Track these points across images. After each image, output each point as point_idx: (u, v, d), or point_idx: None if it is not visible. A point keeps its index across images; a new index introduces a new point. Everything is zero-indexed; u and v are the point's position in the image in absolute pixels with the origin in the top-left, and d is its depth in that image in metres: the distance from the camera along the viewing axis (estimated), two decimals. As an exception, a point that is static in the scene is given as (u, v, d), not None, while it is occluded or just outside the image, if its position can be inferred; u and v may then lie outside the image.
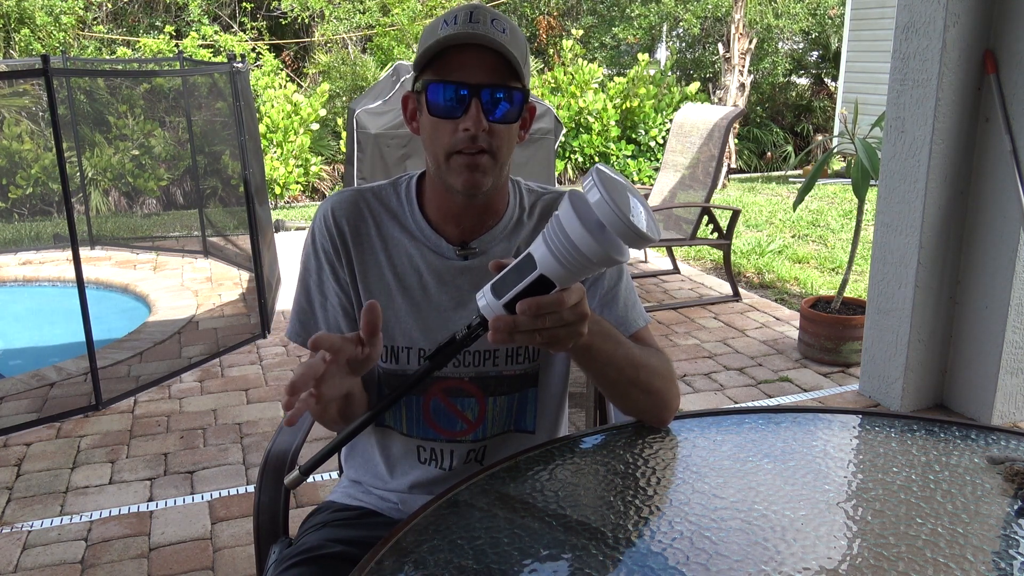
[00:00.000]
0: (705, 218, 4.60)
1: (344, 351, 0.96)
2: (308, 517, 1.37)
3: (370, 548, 0.96)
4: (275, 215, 6.92)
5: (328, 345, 0.94)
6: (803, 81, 11.35)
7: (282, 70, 9.11)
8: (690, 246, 5.33)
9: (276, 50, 10.05)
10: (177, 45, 8.50)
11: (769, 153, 9.97)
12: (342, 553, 1.21)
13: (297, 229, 6.70)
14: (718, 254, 5.58)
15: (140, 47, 8.72)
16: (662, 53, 11.62)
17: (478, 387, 1.25)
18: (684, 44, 11.58)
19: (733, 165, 8.96)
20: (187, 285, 5.13)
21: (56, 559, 2.36)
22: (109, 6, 9.55)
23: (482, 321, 0.93)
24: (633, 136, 9.14)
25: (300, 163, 7.88)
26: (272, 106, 7.83)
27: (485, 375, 1.25)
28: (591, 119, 8.82)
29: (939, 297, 3.13)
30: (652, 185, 5.25)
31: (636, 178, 8.96)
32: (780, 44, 10.89)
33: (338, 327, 1.26)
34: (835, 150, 4.65)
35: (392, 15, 9.69)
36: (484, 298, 0.92)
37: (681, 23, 10.63)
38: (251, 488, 2.72)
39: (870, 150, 3.49)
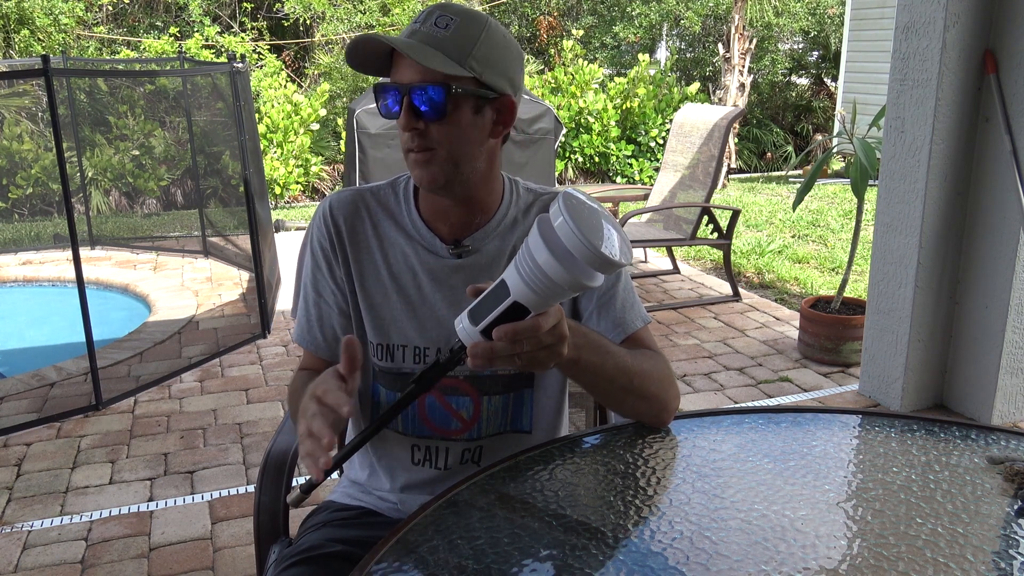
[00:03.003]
0: (705, 218, 4.60)
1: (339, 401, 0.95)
2: (308, 517, 1.37)
3: (370, 548, 0.96)
4: (275, 215, 6.92)
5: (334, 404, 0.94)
6: (803, 81, 11.35)
7: (282, 70, 9.11)
8: (690, 246, 5.33)
9: (276, 50, 10.06)
10: (180, 46, 8.51)
11: (769, 153, 9.97)
12: (342, 553, 1.22)
13: (297, 229, 6.70)
14: (718, 254, 5.58)
15: (144, 48, 8.72)
16: (662, 53, 11.62)
17: (472, 386, 1.26)
18: (684, 44, 11.59)
19: (733, 165, 8.96)
20: (187, 285, 5.13)
21: (56, 559, 2.36)
22: (109, 8, 9.55)
23: (463, 345, 0.93)
24: (633, 136, 9.14)
25: (300, 163, 7.88)
26: (272, 106, 7.84)
27: (479, 374, 1.25)
28: (591, 119, 8.82)
29: (939, 297, 3.13)
30: (652, 185, 5.26)
31: (637, 178, 8.97)
32: (780, 43, 10.89)
33: (331, 324, 1.27)
34: (834, 150, 4.65)
35: (392, 15, 9.69)
36: (462, 323, 0.92)
37: (683, 21, 10.63)
38: (251, 488, 2.72)
39: (869, 149, 3.49)
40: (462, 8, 1.15)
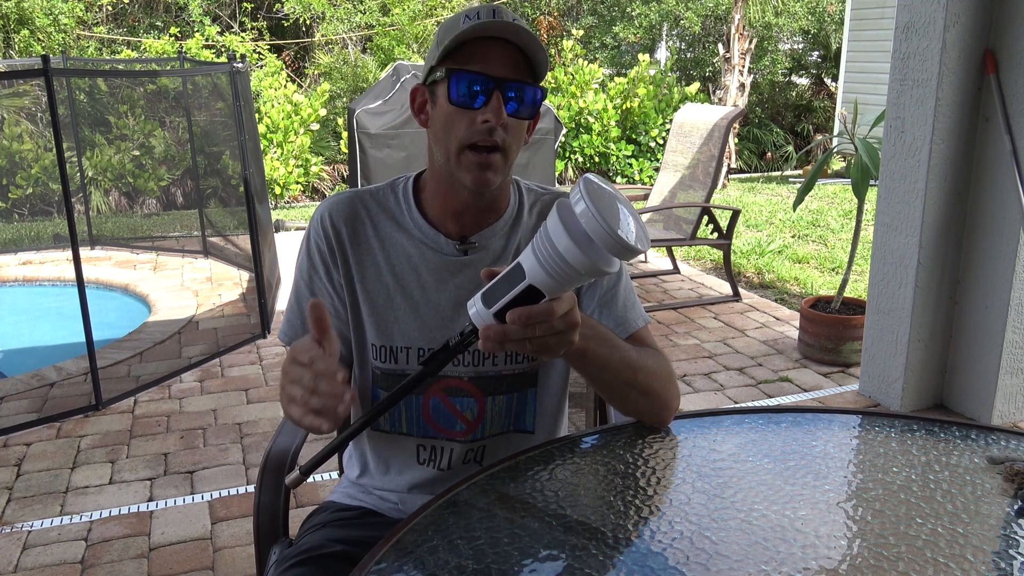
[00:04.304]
0: (705, 218, 4.60)
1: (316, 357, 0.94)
2: (308, 517, 1.37)
3: (370, 548, 0.96)
4: (275, 215, 6.92)
5: (309, 356, 0.93)
6: (803, 81, 11.35)
7: (282, 70, 9.11)
8: (690, 246, 5.33)
9: (276, 50, 10.06)
10: (180, 46, 8.51)
11: (769, 153, 9.97)
12: (343, 553, 1.21)
13: (297, 229, 6.70)
14: (718, 254, 5.58)
15: (144, 48, 8.72)
16: (662, 53, 11.62)
17: (477, 387, 1.25)
18: (684, 44, 11.59)
19: (733, 165, 8.96)
20: (187, 285, 5.13)
21: (56, 559, 2.36)
22: (109, 8, 9.55)
23: (474, 328, 0.93)
24: (633, 136, 9.14)
25: (300, 163, 7.88)
26: (272, 106, 7.83)
27: (484, 375, 1.25)
28: (591, 119, 8.82)
29: (939, 297, 3.13)
30: (652, 185, 5.25)
31: (637, 178, 8.97)
32: (780, 43, 10.90)
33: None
34: (835, 150, 4.65)
35: (392, 15, 9.70)
36: (475, 306, 0.92)
37: (682, 21, 10.63)
38: (251, 488, 2.72)
39: (871, 149, 3.49)
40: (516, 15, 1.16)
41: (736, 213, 4.61)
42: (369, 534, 1.24)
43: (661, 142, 8.97)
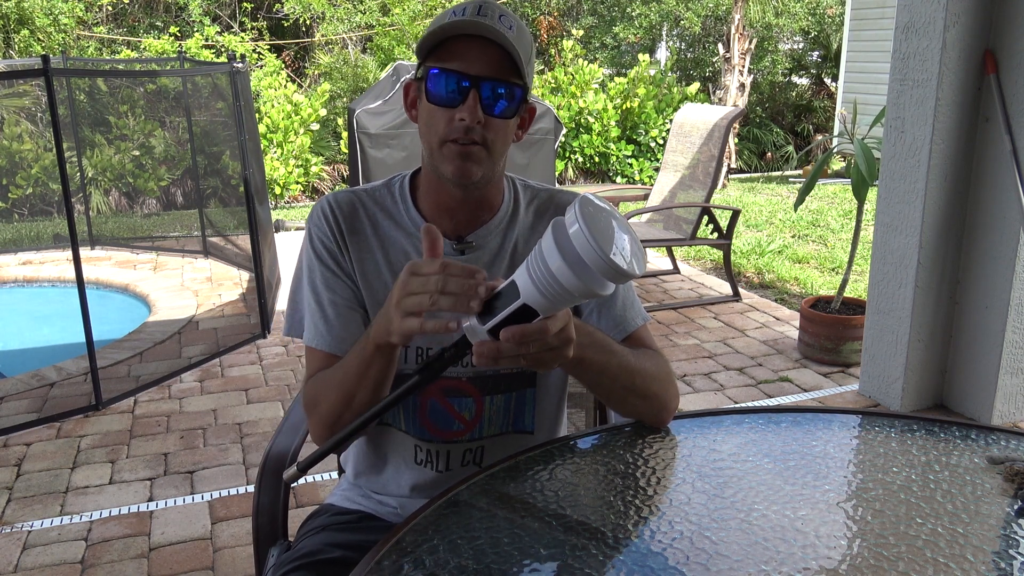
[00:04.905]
0: (705, 218, 4.60)
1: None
2: (307, 520, 1.37)
3: (370, 549, 0.96)
4: (275, 215, 6.92)
5: (440, 263, 0.94)
6: (803, 81, 11.35)
7: (282, 70, 9.11)
8: (690, 246, 5.33)
9: (276, 50, 10.06)
10: (180, 46, 8.51)
11: (769, 153, 9.97)
12: (341, 558, 1.21)
13: (297, 229, 6.70)
14: (718, 254, 5.58)
15: (144, 48, 8.72)
16: (662, 53, 11.63)
17: (475, 387, 1.25)
18: (684, 44, 11.59)
19: (733, 165, 8.96)
20: (187, 285, 5.13)
21: (56, 559, 2.36)
22: (109, 8, 9.55)
23: (467, 340, 0.93)
24: (633, 136, 9.14)
25: (300, 163, 7.88)
26: (272, 106, 7.84)
27: (482, 374, 1.25)
28: (591, 119, 8.82)
29: (939, 297, 3.13)
30: (652, 185, 5.26)
31: (637, 178, 8.97)
32: (780, 43, 10.90)
33: (352, 319, 1.23)
34: (835, 150, 4.65)
35: (392, 15, 9.70)
36: (469, 321, 0.92)
37: (683, 21, 10.63)
38: (251, 488, 2.72)
39: (868, 153, 3.49)
40: (511, 12, 1.16)
41: (736, 213, 4.61)
42: (368, 538, 1.23)
43: (661, 142, 8.97)
